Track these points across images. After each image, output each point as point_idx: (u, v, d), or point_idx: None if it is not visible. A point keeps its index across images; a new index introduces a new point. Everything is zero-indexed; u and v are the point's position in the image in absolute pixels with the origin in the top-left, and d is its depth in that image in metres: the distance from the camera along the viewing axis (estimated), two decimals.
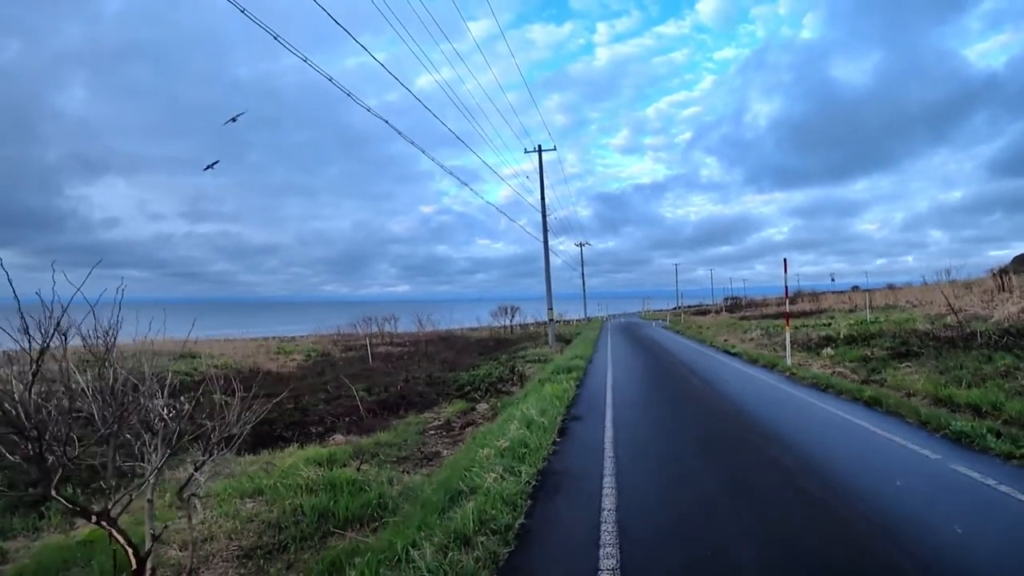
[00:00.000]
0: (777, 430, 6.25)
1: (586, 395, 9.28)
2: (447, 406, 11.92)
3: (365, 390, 14.65)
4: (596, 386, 10.22)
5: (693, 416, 7.31)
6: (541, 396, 8.52)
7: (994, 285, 32.34)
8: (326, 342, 36.07)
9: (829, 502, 3.98)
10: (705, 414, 7.35)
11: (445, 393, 13.57)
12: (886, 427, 6.24)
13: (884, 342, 14.11)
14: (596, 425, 6.85)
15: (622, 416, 7.35)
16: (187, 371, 23.54)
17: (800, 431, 6.23)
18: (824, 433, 6.16)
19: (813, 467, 4.81)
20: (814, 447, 5.48)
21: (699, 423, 6.88)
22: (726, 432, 6.25)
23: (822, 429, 6.35)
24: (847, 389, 8.63)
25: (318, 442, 10.04)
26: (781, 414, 7.25)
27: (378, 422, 11.40)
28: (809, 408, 7.60)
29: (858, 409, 7.38)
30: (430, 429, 10.29)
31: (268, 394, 16.15)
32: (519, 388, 13.58)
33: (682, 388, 9.69)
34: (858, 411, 7.24)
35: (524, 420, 6.71)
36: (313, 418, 11.87)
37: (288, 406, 13.18)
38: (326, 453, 8.15)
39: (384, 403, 12.74)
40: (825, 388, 9.17)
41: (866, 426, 6.35)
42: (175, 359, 28.08)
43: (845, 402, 7.96)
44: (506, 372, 15.58)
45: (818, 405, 7.77)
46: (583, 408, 8.11)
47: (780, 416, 7.10)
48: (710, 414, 7.33)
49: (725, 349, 16.77)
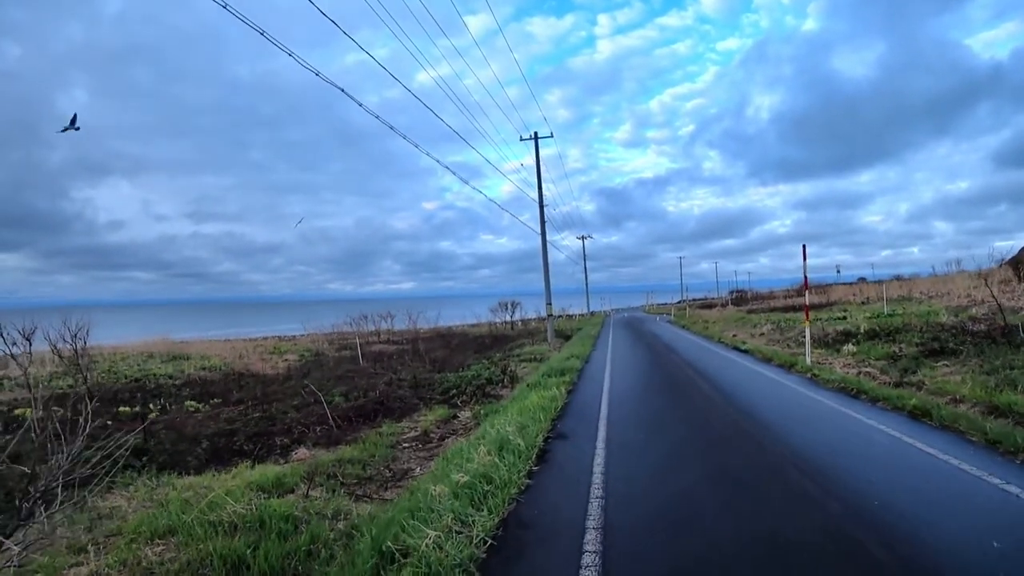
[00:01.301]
0: (812, 457, 4.98)
1: (578, 405, 8.03)
2: (428, 413, 10.74)
3: (343, 394, 13.49)
4: (591, 393, 8.97)
5: (705, 434, 6.04)
6: (524, 407, 7.29)
7: (1013, 275, 30.93)
8: (323, 341, 35.25)
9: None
10: (720, 433, 6.07)
11: (428, 397, 12.38)
12: (946, 449, 4.96)
13: (912, 337, 12.79)
14: (585, 447, 5.61)
15: (618, 434, 6.10)
16: (171, 373, 22.53)
17: (841, 458, 4.95)
18: (871, 460, 4.88)
19: (868, 518, 3.55)
20: (864, 485, 4.21)
21: (713, 445, 5.62)
22: (749, 461, 4.99)
23: (868, 454, 5.08)
24: (883, 395, 7.35)
25: (278, 457, 8.90)
26: (813, 432, 5.96)
27: (351, 432, 10.24)
28: (844, 422, 6.32)
29: (902, 422, 6.11)
30: (404, 441, 9.10)
31: (238, 401, 14.92)
32: (509, 391, 12.40)
33: (689, 395, 8.43)
34: (903, 425, 5.96)
35: (496, 441, 5.48)
36: (281, 427, 10.71)
37: (255, 415, 12.05)
38: (273, 476, 6.93)
39: (361, 409, 11.56)
40: (855, 393, 7.90)
41: (921, 448, 5.07)
42: (166, 360, 27.21)
43: (884, 412, 6.68)
44: (497, 373, 14.37)
45: (853, 417, 6.49)
46: (572, 423, 6.86)
47: (812, 435, 5.81)
48: (726, 433, 6.06)
49: (735, 346, 15.47)
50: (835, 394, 7.99)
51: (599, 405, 7.70)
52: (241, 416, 12.12)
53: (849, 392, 8.05)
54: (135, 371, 22.45)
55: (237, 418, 11.97)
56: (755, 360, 12.40)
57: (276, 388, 16.66)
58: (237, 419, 11.82)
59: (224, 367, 24.28)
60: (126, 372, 22.11)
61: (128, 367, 23.23)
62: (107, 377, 21.23)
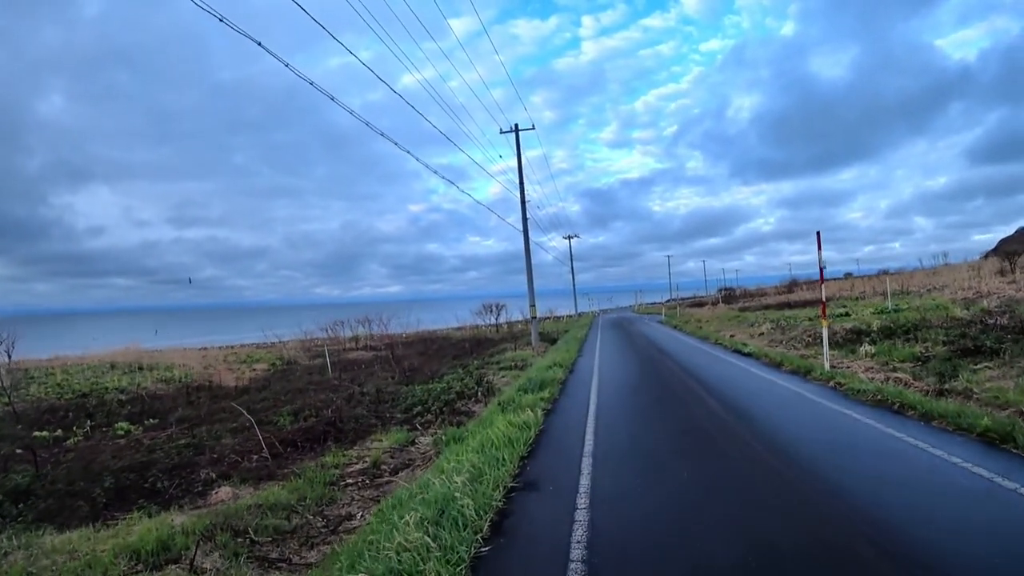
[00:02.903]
0: (892, 525, 3.39)
1: (556, 433, 6.36)
2: (384, 437, 9.08)
3: (293, 413, 11.75)
4: (574, 416, 7.33)
5: (726, 480, 4.40)
6: (488, 438, 5.65)
7: (1005, 265, 30.10)
8: (298, 348, 33.54)
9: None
10: (745, 477, 4.44)
11: (388, 416, 10.70)
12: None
13: (935, 335, 11.37)
14: (560, 506, 3.96)
15: (606, 481, 4.47)
16: (126, 386, 20.54)
17: (933, 526, 3.38)
18: (977, 528, 3.32)
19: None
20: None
21: (739, 497, 4.01)
22: (795, 529, 3.39)
23: (969, 516, 3.51)
24: (936, 412, 5.80)
25: (195, 498, 7.19)
26: (873, 474, 4.32)
27: (291, 461, 8.55)
28: (909, 456, 4.71)
29: (983, 454, 4.54)
30: (349, 475, 7.43)
31: (179, 420, 13.05)
32: (483, 406, 10.77)
33: (694, 416, 6.83)
34: (988, 459, 4.40)
35: (435, 502, 3.84)
36: (210, 457, 8.98)
37: (183, 441, 10.28)
38: (158, 537, 5.28)
39: (309, 432, 9.85)
40: (898, 408, 6.37)
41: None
42: (128, 372, 25.14)
43: (949, 437, 5.13)
44: (471, 384, 12.71)
45: (913, 446, 4.91)
46: (547, 462, 5.20)
47: (874, 482, 4.12)
48: (753, 477, 4.44)
49: (736, 348, 13.94)
50: (873, 410, 6.44)
51: (583, 433, 6.05)
52: (168, 442, 10.38)
53: (890, 406, 6.51)
54: (87, 384, 20.54)
55: (163, 445, 10.21)
56: (762, 365, 10.86)
57: (228, 404, 14.88)
58: (162, 446, 10.06)
59: (185, 379, 22.43)
60: (76, 386, 20.18)
61: (82, 380, 21.35)
62: (53, 391, 19.29)
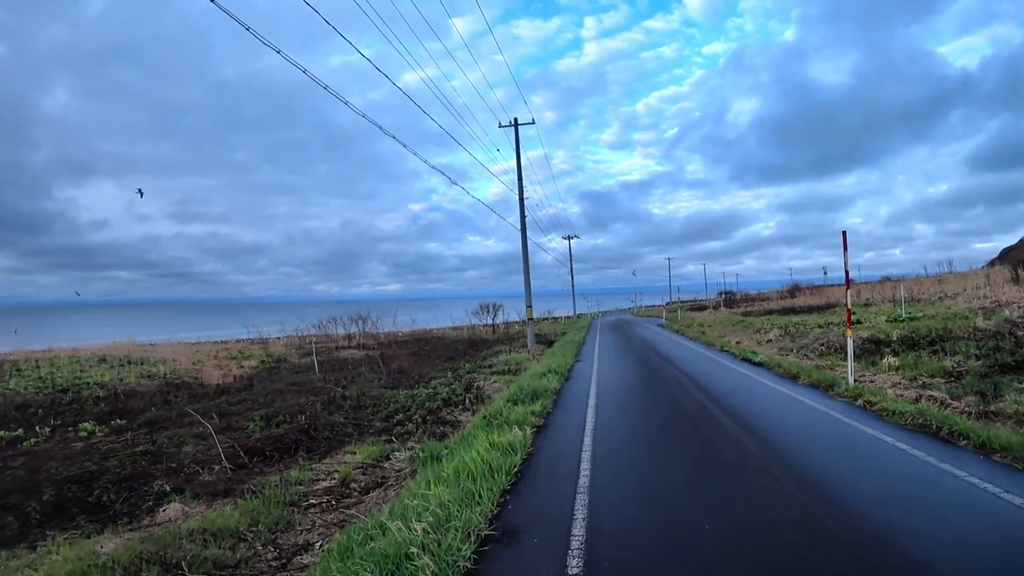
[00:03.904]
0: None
1: (547, 459, 5.42)
2: (358, 449, 8.20)
3: (265, 418, 10.84)
4: (567, 435, 6.40)
5: (757, 532, 3.50)
6: (464, 464, 4.73)
7: (1011, 274, 29.22)
8: (289, 346, 32.75)
9: None
10: (779, 528, 3.54)
11: (367, 424, 9.81)
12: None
13: (964, 347, 10.47)
14: (547, 569, 3.06)
15: (607, 526, 3.57)
16: (108, 381, 19.64)
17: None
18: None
19: None
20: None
21: (776, 557, 3.11)
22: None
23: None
24: (994, 442, 4.91)
25: (143, 516, 6.32)
26: (941, 533, 3.46)
27: (255, 473, 7.66)
28: (983, 509, 3.77)
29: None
30: (314, 493, 6.54)
31: (148, 423, 12.13)
32: (470, 415, 9.88)
33: (710, 438, 5.92)
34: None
35: (385, 559, 2.94)
36: (167, 467, 8.09)
37: (136, 448, 9.37)
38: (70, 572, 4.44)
39: (279, 441, 8.95)
40: (945, 435, 5.47)
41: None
42: (117, 366, 24.28)
43: (1018, 477, 4.24)
44: (459, 390, 11.81)
45: (986, 493, 3.99)
46: (533, 501, 4.24)
47: (954, 547, 3.29)
48: (787, 529, 3.53)
49: (745, 357, 13.01)
50: (917, 437, 5.53)
51: (577, 461, 5.11)
52: (127, 448, 9.48)
53: (934, 432, 5.61)
54: (70, 379, 19.74)
55: (121, 450, 9.33)
56: (777, 377, 9.94)
57: (205, 405, 13.97)
58: (119, 452, 9.17)
59: (170, 375, 21.58)
60: (59, 380, 19.35)
61: (67, 374, 20.57)
62: (33, 386, 18.46)
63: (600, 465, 4.92)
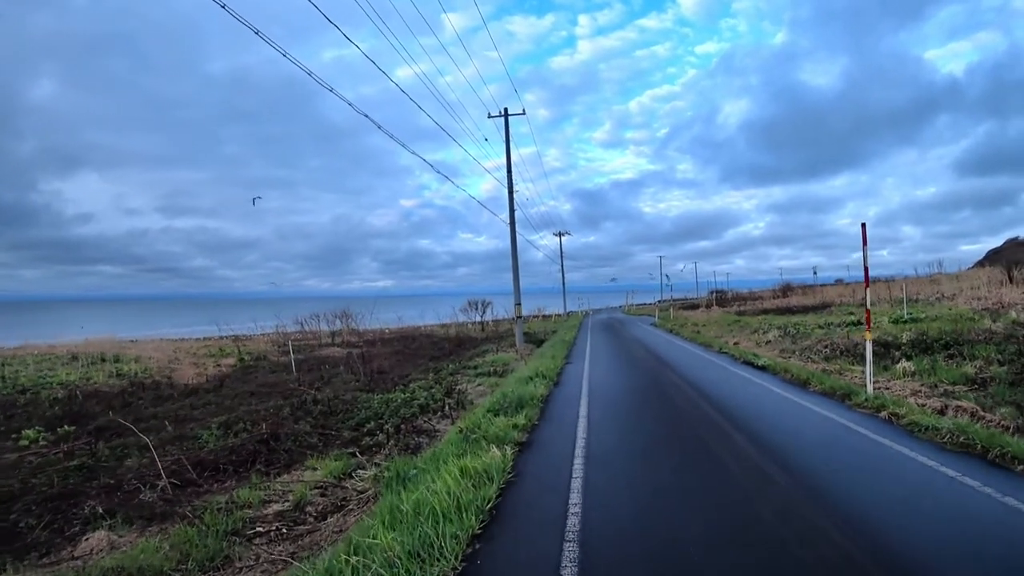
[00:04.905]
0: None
1: (529, 489, 4.43)
2: (320, 463, 7.28)
3: (224, 425, 9.88)
4: (554, 456, 5.46)
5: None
6: (428, 497, 3.83)
7: (1004, 275, 28.87)
8: (271, 343, 31.75)
9: None
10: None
11: (334, 433, 8.89)
12: None
13: (984, 351, 9.73)
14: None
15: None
16: (76, 380, 18.49)
17: None
18: None
19: None
20: None
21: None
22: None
23: None
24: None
25: (55, 549, 5.42)
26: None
27: (203, 491, 6.74)
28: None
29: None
30: (264, 518, 5.62)
31: (97, 429, 11.08)
32: (450, 423, 8.99)
33: (721, 460, 5.05)
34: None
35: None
36: (103, 484, 7.13)
37: (72, 461, 8.39)
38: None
39: (236, 452, 8.01)
40: (996, 459, 4.66)
41: None
42: (89, 363, 23.07)
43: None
44: (440, 394, 10.90)
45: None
46: (509, 553, 3.32)
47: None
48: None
49: (746, 359, 12.19)
50: (963, 460, 4.71)
51: (567, 493, 4.17)
52: (61, 461, 8.49)
53: (981, 455, 4.79)
54: (34, 378, 18.58)
55: (56, 463, 8.34)
56: (785, 384, 9.11)
57: (166, 408, 12.96)
58: (52, 465, 8.18)
59: (141, 374, 20.49)
60: (23, 379, 18.18)
61: (34, 372, 19.42)
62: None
63: (593, 500, 4.03)
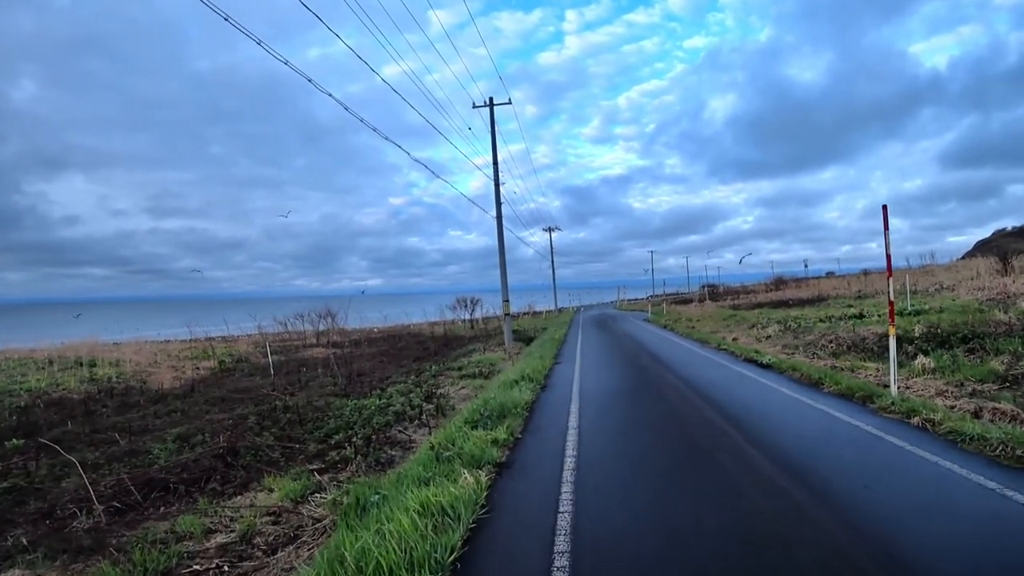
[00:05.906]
0: None
1: (505, 532, 3.55)
2: (278, 482, 6.36)
3: (181, 439, 8.94)
4: (539, 478, 4.59)
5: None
6: (375, 545, 2.96)
7: (1000, 265, 28.45)
8: (252, 344, 30.72)
9: None
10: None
11: (300, 446, 7.99)
12: None
13: (1009, 345, 8.99)
14: None
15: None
16: (45, 387, 17.38)
17: None
18: None
19: None
20: None
21: None
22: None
23: None
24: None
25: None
26: None
27: (142, 519, 5.83)
28: None
29: None
30: (205, 553, 4.68)
31: (36, 448, 10.05)
32: (427, 432, 8.12)
33: (736, 482, 4.21)
34: None
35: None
36: (33, 509, 6.21)
37: (4, 482, 7.42)
38: None
39: (188, 469, 7.07)
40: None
41: None
42: (64, 368, 21.95)
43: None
44: (418, 399, 10.02)
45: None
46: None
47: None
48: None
49: (748, 357, 11.39)
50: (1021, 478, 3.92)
51: (551, 534, 3.32)
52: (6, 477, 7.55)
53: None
54: (4, 384, 17.57)
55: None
56: (795, 384, 8.31)
57: (128, 417, 11.96)
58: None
59: (115, 379, 19.42)
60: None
61: (5, 378, 18.41)
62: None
63: (585, 548, 3.17)
